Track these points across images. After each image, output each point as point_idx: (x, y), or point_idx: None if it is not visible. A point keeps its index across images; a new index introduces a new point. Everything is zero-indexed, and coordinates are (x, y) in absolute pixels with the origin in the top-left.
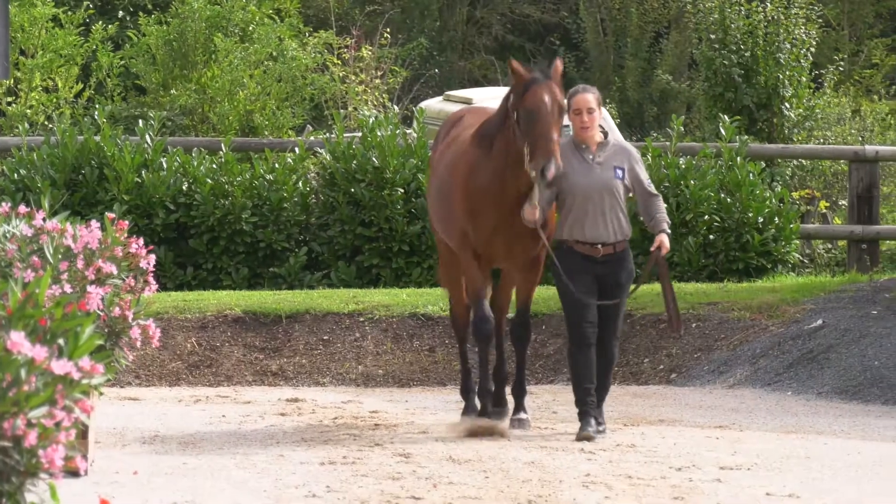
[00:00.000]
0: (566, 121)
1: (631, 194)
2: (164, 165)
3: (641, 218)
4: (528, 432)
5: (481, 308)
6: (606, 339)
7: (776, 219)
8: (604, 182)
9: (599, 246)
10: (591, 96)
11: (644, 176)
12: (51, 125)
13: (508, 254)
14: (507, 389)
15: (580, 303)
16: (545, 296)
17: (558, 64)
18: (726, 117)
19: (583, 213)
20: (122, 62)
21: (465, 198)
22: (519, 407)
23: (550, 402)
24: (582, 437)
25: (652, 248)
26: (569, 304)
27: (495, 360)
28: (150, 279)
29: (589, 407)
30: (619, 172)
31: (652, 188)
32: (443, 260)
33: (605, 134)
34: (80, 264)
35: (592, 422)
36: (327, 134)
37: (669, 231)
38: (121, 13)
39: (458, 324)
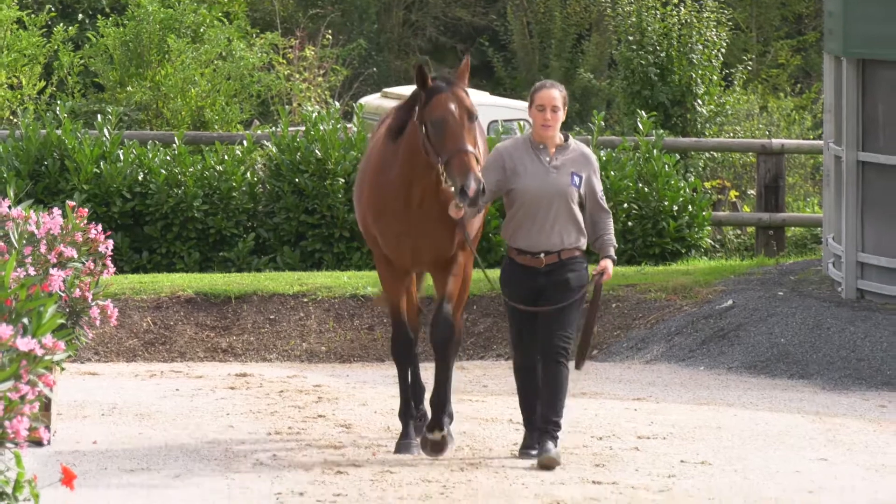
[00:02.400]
0: (526, 115)
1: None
2: (121, 157)
3: (588, 234)
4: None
5: (401, 327)
6: (550, 354)
7: (690, 207)
8: (558, 188)
9: (542, 255)
10: (557, 93)
11: (599, 188)
12: (15, 120)
13: (418, 259)
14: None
15: (524, 321)
16: (475, 277)
17: (465, 62)
18: (643, 113)
19: (531, 218)
20: (82, 61)
21: (370, 196)
22: (435, 424)
23: (481, 376)
24: (522, 456)
25: (594, 273)
26: (512, 322)
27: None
28: (108, 263)
29: (534, 426)
30: (576, 179)
31: (604, 203)
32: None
33: (566, 136)
34: (42, 249)
35: (550, 445)
36: (273, 128)
37: (615, 257)
38: (80, 16)
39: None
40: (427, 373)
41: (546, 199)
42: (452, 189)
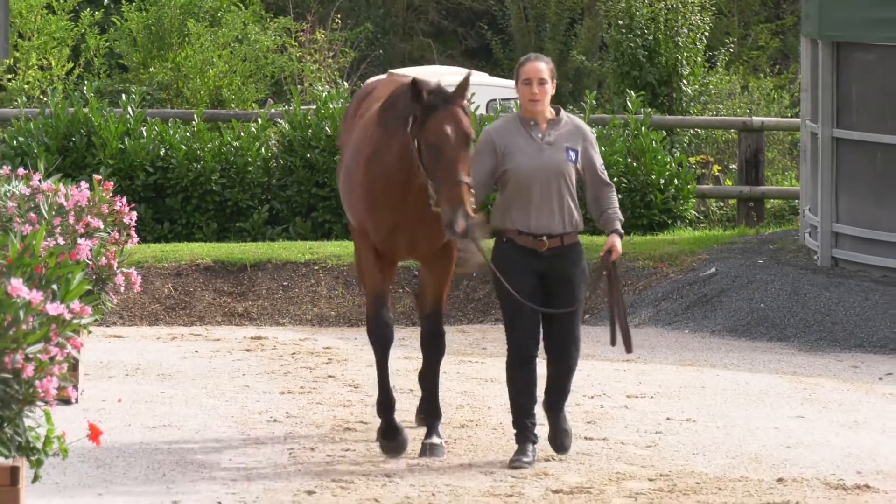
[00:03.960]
0: (513, 94)
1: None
2: (144, 134)
3: (589, 209)
4: (442, 457)
5: (379, 310)
6: (565, 345)
7: (675, 180)
8: (553, 164)
9: (545, 238)
10: (543, 65)
11: (598, 160)
12: (45, 99)
13: (411, 250)
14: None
15: (521, 308)
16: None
17: (467, 79)
18: (632, 92)
19: (527, 199)
20: (108, 44)
21: (364, 187)
22: (432, 430)
23: (480, 339)
24: (514, 466)
25: (602, 253)
26: (506, 308)
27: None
28: (132, 233)
29: (526, 431)
30: (572, 154)
31: (605, 175)
32: (357, 252)
33: (558, 110)
34: (71, 220)
35: (528, 448)
36: (286, 107)
37: (622, 231)
38: (106, 1)
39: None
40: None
41: (542, 177)
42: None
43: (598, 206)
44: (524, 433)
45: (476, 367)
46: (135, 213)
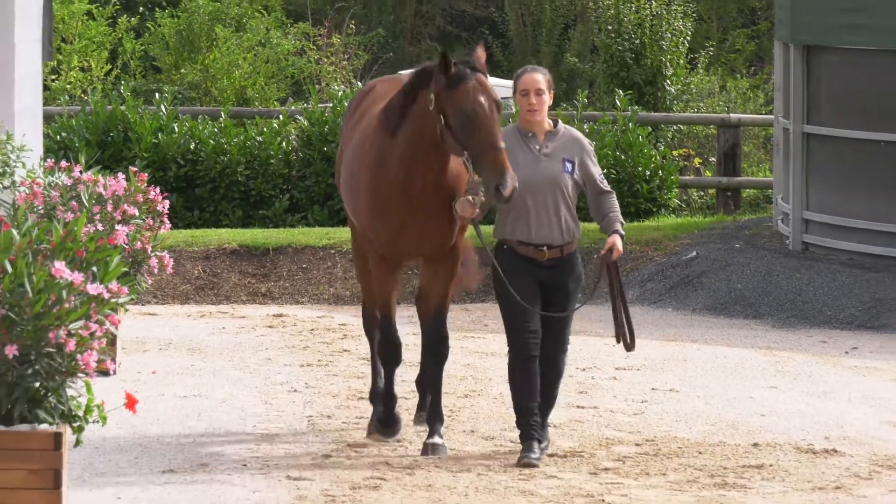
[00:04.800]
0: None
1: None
2: (176, 129)
3: (592, 216)
4: (443, 457)
5: (388, 329)
6: (553, 352)
7: (660, 172)
8: (551, 176)
9: (545, 248)
10: (540, 76)
11: (596, 171)
12: (86, 97)
13: (419, 251)
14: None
15: (522, 310)
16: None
17: (480, 52)
18: (620, 91)
19: (525, 210)
20: (143, 47)
21: (368, 194)
22: (434, 431)
23: (482, 317)
24: (523, 463)
25: (603, 251)
26: (509, 311)
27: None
28: (165, 220)
29: (532, 429)
30: (569, 166)
31: (605, 184)
32: (356, 248)
33: (556, 121)
34: (109, 208)
35: (535, 446)
36: (305, 105)
37: (623, 232)
38: (141, 8)
39: (371, 323)
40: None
41: (539, 188)
42: (477, 182)
43: (600, 212)
44: (529, 432)
45: (478, 342)
46: (167, 202)
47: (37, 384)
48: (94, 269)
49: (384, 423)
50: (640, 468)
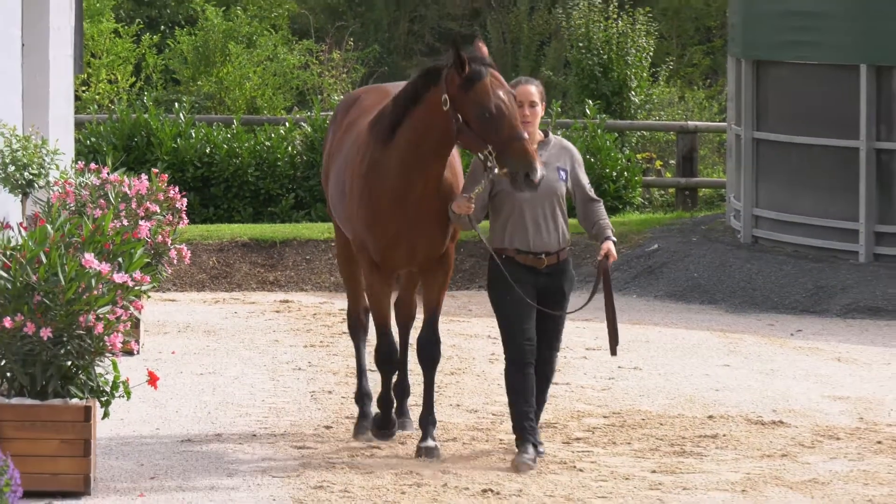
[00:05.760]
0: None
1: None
2: (193, 135)
3: (580, 223)
4: (437, 460)
5: (386, 337)
6: (547, 356)
7: (625, 173)
8: (546, 185)
9: (544, 256)
10: (534, 88)
11: (585, 180)
12: (112, 107)
13: (412, 259)
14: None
15: (519, 316)
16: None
17: (482, 46)
18: (590, 102)
19: (523, 219)
20: (163, 62)
21: (361, 203)
22: (427, 434)
23: (467, 303)
24: (519, 464)
25: (599, 257)
26: (505, 318)
27: (397, 374)
28: (183, 216)
29: (528, 433)
30: (562, 174)
31: (593, 193)
32: (340, 253)
33: (546, 132)
34: (133, 205)
35: (531, 449)
36: (308, 113)
37: (615, 238)
38: (162, 27)
39: (356, 326)
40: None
41: (536, 197)
42: (506, 175)
43: (589, 220)
44: (524, 435)
45: (463, 325)
46: (185, 200)
47: (69, 363)
48: (120, 260)
49: (381, 425)
50: (607, 438)
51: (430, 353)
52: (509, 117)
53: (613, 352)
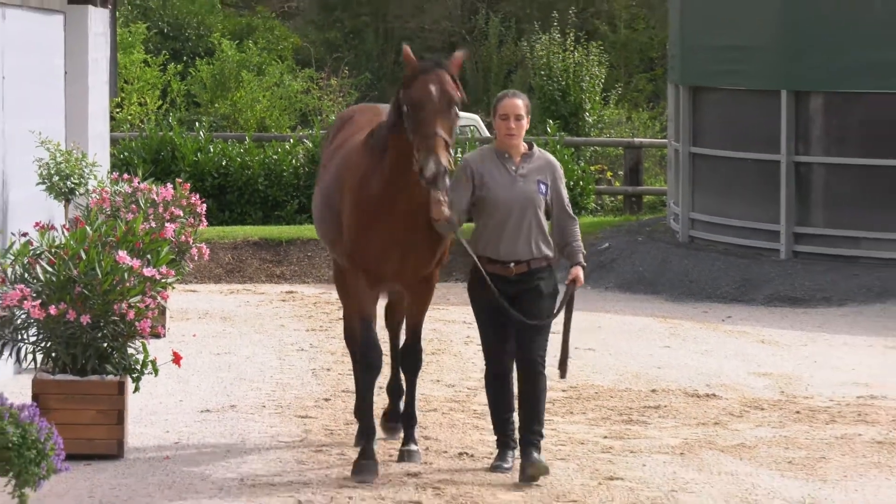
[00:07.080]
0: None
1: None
2: (211, 150)
3: (553, 237)
4: (417, 464)
5: (369, 334)
6: (530, 364)
7: (581, 182)
8: (526, 196)
9: (512, 265)
10: (520, 102)
11: (565, 195)
12: (142, 126)
13: (400, 273)
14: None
15: (496, 331)
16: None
17: (458, 55)
18: (551, 121)
19: (500, 227)
20: (186, 87)
21: (353, 212)
22: (409, 438)
23: (445, 293)
24: (495, 467)
25: (567, 282)
26: (483, 329)
27: (389, 375)
28: (203, 219)
29: (507, 438)
30: (542, 187)
31: (570, 210)
32: (337, 268)
33: (531, 145)
34: (160, 210)
35: (508, 455)
36: (310, 131)
37: (585, 263)
38: (185, 58)
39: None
40: None
41: (514, 207)
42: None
43: (563, 238)
44: (504, 440)
45: (442, 312)
46: (204, 205)
47: (105, 344)
48: (149, 256)
49: (363, 455)
50: (565, 409)
51: (413, 361)
52: (427, 111)
53: (563, 374)
